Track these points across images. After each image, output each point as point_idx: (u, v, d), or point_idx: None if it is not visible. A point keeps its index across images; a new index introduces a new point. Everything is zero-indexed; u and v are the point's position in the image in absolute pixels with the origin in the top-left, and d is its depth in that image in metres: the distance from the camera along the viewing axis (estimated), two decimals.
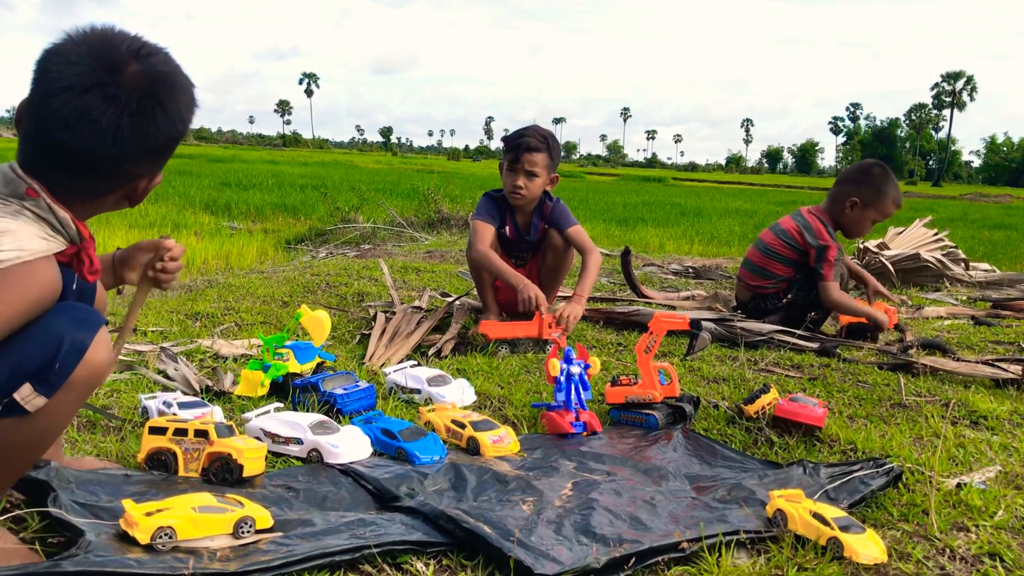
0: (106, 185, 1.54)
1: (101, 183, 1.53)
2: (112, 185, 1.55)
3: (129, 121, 1.44)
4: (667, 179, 50.29)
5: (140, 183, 1.58)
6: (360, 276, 5.26)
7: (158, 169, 1.60)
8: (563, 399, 2.49)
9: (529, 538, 1.64)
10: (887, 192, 3.98)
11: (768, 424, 2.49)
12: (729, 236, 11.62)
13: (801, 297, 3.98)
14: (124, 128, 1.44)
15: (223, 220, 11.53)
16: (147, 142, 1.49)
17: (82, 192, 1.52)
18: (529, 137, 3.70)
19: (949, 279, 6.22)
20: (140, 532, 1.49)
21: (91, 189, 1.53)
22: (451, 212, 10.71)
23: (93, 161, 1.46)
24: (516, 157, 3.68)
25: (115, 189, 1.56)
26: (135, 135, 1.46)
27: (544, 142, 3.72)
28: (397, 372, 2.79)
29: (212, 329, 3.56)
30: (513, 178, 3.70)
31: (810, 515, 1.71)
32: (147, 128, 1.47)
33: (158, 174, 1.61)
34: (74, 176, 1.48)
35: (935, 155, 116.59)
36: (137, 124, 1.45)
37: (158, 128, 1.49)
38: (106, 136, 1.43)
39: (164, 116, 1.49)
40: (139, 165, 1.53)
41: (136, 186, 1.57)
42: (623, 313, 4.13)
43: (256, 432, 2.18)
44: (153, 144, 1.51)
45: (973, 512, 1.91)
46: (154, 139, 1.50)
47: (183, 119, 1.55)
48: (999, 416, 2.73)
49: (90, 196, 1.54)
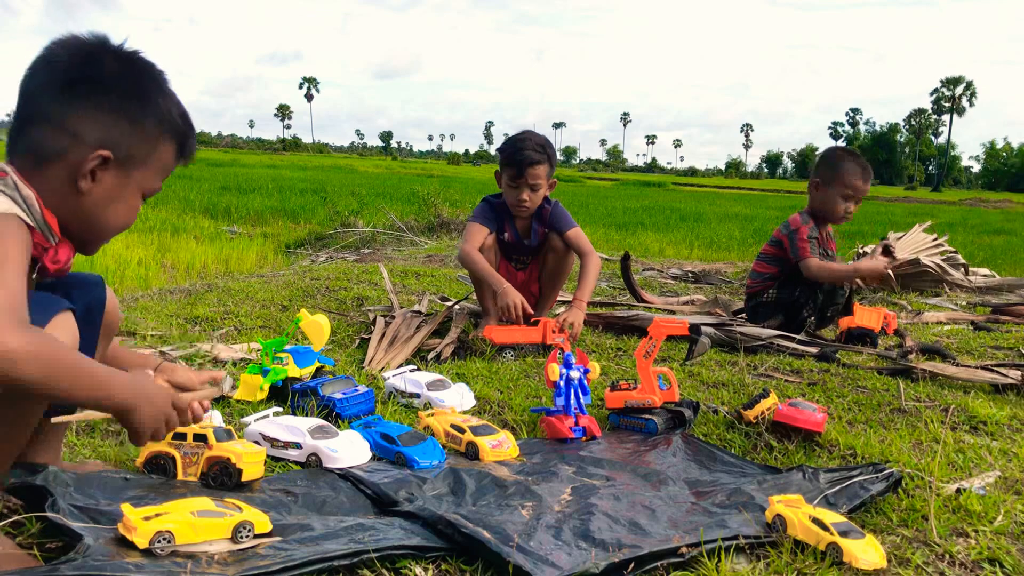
0: (46, 141, 1.53)
1: (42, 138, 1.53)
2: (53, 141, 1.52)
3: (48, 65, 1.55)
4: (667, 184, 50.32)
5: (83, 153, 1.53)
6: (360, 280, 5.26)
7: (96, 137, 1.54)
8: (562, 404, 2.49)
9: (528, 543, 1.64)
10: (843, 167, 4.06)
11: (767, 429, 2.48)
12: (729, 241, 11.62)
13: (785, 295, 4.03)
14: (41, 63, 1.54)
15: (223, 224, 11.53)
16: (56, 75, 1.53)
17: (29, 154, 1.53)
18: (529, 151, 3.66)
19: (949, 284, 6.23)
20: (138, 536, 1.48)
21: (35, 147, 1.53)
22: (451, 216, 10.72)
23: (28, 105, 1.54)
24: (519, 172, 3.66)
25: (58, 149, 1.53)
26: (48, 71, 1.54)
27: (543, 152, 3.71)
28: (396, 377, 2.79)
29: (211, 333, 3.56)
30: (517, 193, 3.69)
31: (809, 520, 1.71)
32: (63, 66, 1.54)
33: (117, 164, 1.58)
34: (20, 132, 1.54)
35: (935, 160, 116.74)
36: (56, 68, 1.54)
37: (68, 65, 1.54)
38: (31, 71, 1.54)
39: (81, 62, 1.55)
40: (70, 111, 1.52)
41: (82, 158, 1.53)
42: (623, 318, 4.13)
43: (255, 436, 2.18)
44: (64, 79, 1.53)
45: (973, 517, 1.90)
46: (63, 73, 1.53)
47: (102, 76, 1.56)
48: (999, 421, 2.73)
49: (37, 157, 1.53)
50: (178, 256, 7.80)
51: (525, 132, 3.84)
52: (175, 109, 1.65)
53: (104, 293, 1.76)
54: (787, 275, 4.05)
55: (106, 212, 1.61)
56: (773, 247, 4.14)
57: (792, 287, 4.02)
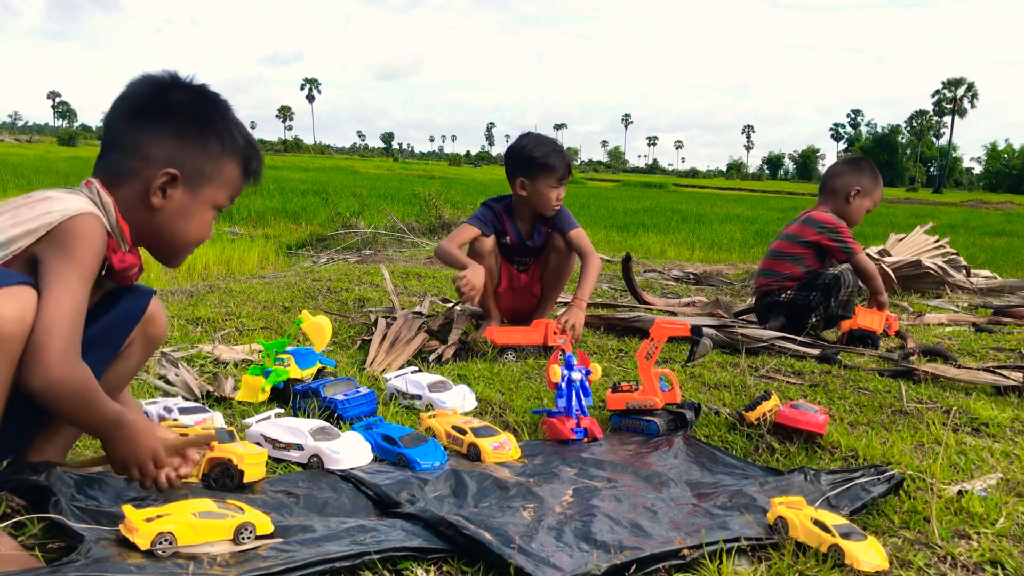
0: (123, 162, 1.68)
1: (119, 159, 1.68)
2: (128, 162, 1.68)
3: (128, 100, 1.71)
4: (668, 185, 50.29)
5: (154, 172, 1.67)
6: (361, 281, 5.26)
7: (164, 157, 1.68)
8: (564, 405, 2.49)
9: (530, 545, 1.64)
10: (879, 181, 4.31)
11: (769, 431, 2.48)
12: (730, 242, 11.62)
13: (801, 297, 4.03)
14: (119, 99, 1.71)
15: (224, 225, 11.53)
16: (129, 105, 1.70)
17: (109, 173, 1.68)
18: (565, 154, 3.86)
19: (950, 286, 6.22)
20: (140, 538, 1.48)
21: (114, 168, 1.68)
22: (452, 218, 10.72)
23: (107, 134, 1.71)
24: (568, 173, 3.84)
25: (132, 169, 1.67)
26: (123, 103, 1.71)
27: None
28: (398, 378, 2.79)
29: (213, 334, 3.56)
30: (557, 193, 3.82)
31: (811, 522, 1.71)
32: (135, 97, 1.71)
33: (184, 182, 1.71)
34: (102, 157, 1.70)
35: (936, 162, 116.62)
36: (133, 101, 1.71)
37: (139, 96, 1.71)
38: (114, 107, 1.71)
39: (150, 94, 1.71)
40: (140, 135, 1.67)
41: (152, 175, 1.67)
42: (624, 319, 4.13)
43: (257, 438, 2.18)
44: (135, 107, 1.69)
45: (974, 519, 1.90)
46: (135, 102, 1.70)
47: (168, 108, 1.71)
48: (1000, 423, 2.73)
49: (116, 177, 1.68)
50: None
51: (542, 136, 3.91)
52: (238, 132, 1.77)
53: (147, 303, 1.83)
54: (809, 277, 4.06)
55: (179, 225, 1.75)
56: (800, 247, 4.14)
57: (809, 289, 4.02)
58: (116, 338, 1.79)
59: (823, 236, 4.10)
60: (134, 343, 1.85)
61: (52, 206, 1.55)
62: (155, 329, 1.88)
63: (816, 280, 4.01)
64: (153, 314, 1.85)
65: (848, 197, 4.21)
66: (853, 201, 4.21)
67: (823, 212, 4.20)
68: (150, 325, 1.86)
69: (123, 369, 1.86)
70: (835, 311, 3.98)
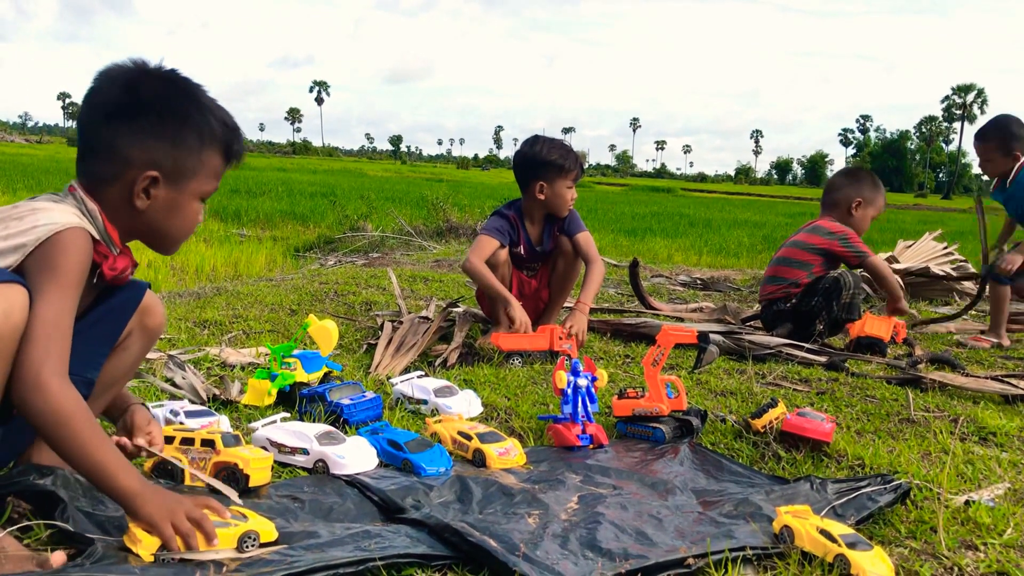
0: (102, 167, 1.65)
1: (98, 164, 1.66)
2: (107, 167, 1.65)
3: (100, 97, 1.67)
4: (676, 190, 50.26)
5: (135, 174, 1.64)
6: (368, 285, 5.27)
7: (143, 159, 1.65)
8: (570, 411, 2.49)
9: (534, 552, 1.63)
10: (880, 188, 4.36)
11: (775, 439, 2.47)
12: (738, 248, 11.60)
13: (804, 304, 4.02)
14: (89, 98, 1.67)
15: (232, 227, 11.56)
16: (101, 106, 1.66)
17: (91, 178, 1.66)
18: (577, 154, 3.94)
19: (959, 293, 6.19)
20: (143, 549, 1.48)
21: (95, 172, 1.66)
22: (459, 221, 10.73)
23: (82, 138, 1.68)
24: (580, 175, 3.93)
25: (112, 173, 1.65)
26: (93, 104, 1.67)
27: None
28: (404, 383, 2.79)
29: (220, 337, 3.57)
30: (572, 193, 3.89)
31: (817, 531, 1.70)
32: (106, 95, 1.66)
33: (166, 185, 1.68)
34: (81, 161, 1.68)
35: (945, 168, 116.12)
36: (102, 98, 1.66)
37: (109, 95, 1.66)
38: (86, 107, 1.67)
39: (121, 91, 1.66)
40: (117, 138, 1.64)
41: (133, 178, 1.64)
42: (631, 325, 4.12)
43: (262, 442, 2.18)
44: (108, 108, 1.64)
45: (982, 530, 1.89)
46: (107, 103, 1.65)
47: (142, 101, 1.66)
48: (1008, 432, 2.71)
49: (97, 182, 1.66)
50: (187, 259, 7.83)
51: (551, 138, 3.96)
52: (214, 118, 1.73)
53: (141, 295, 1.83)
54: (813, 283, 4.06)
55: (167, 221, 1.73)
56: (809, 253, 4.15)
57: (811, 295, 4.01)
58: (111, 330, 1.78)
59: (833, 242, 4.10)
60: (132, 335, 1.84)
61: (39, 219, 1.54)
62: (152, 320, 1.87)
63: (817, 285, 4.00)
64: (149, 305, 1.85)
65: (851, 209, 4.24)
66: (856, 212, 4.24)
67: (830, 221, 4.20)
68: (147, 316, 1.85)
69: (122, 362, 1.85)
70: (838, 315, 3.95)
